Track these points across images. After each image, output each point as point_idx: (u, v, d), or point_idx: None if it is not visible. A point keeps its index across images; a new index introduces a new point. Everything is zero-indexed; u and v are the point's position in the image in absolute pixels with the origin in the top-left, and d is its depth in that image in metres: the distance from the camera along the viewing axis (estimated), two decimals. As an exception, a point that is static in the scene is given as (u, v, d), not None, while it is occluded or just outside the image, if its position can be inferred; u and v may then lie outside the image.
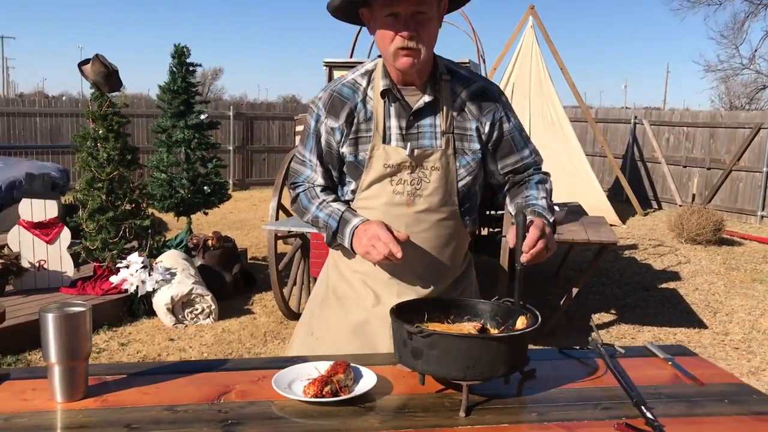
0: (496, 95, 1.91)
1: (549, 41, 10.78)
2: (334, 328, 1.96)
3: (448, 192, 1.85)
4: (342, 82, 1.88)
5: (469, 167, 1.86)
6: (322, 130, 1.87)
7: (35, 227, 5.41)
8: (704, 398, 1.55)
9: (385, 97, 1.82)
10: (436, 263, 1.90)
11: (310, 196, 1.95)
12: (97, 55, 5.50)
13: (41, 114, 13.10)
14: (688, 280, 7.05)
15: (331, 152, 1.89)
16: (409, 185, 1.81)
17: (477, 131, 1.86)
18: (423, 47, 1.72)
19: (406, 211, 1.83)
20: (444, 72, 1.85)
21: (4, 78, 54.48)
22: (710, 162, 11.95)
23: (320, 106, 1.88)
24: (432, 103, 1.82)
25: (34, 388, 1.54)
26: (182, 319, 5.26)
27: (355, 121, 1.84)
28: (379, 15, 1.72)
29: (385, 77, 1.82)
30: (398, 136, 1.82)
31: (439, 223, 1.86)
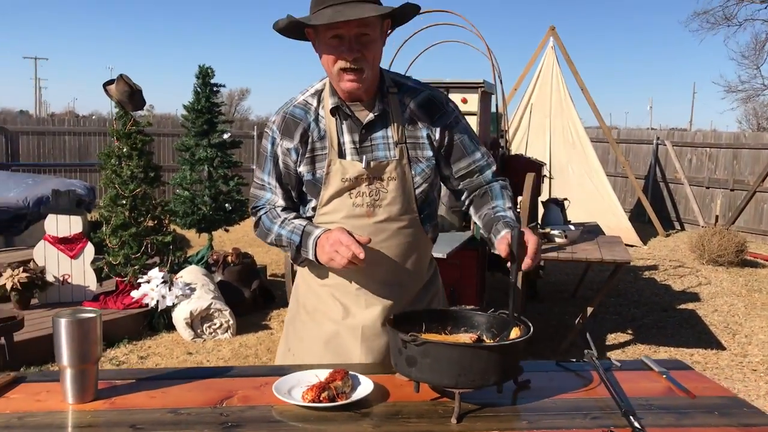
0: (443, 102, 1.97)
1: (570, 62, 10.81)
2: (307, 343, 2.00)
3: (406, 200, 1.90)
4: (293, 104, 1.93)
5: (424, 174, 1.91)
6: (278, 152, 1.92)
7: (60, 242, 5.55)
8: (694, 410, 1.58)
9: (335, 115, 1.88)
10: (400, 271, 1.95)
11: (271, 217, 1.98)
12: (121, 75, 5.66)
13: (70, 133, 13.41)
14: (707, 301, 6.99)
15: (289, 173, 1.94)
16: (368, 196, 1.87)
17: (428, 139, 1.92)
18: (367, 67, 1.79)
19: (366, 221, 1.88)
20: (391, 85, 1.92)
21: (36, 98, 55.64)
22: (734, 183, 11.84)
23: (275, 129, 1.93)
24: (382, 116, 1.88)
25: (48, 390, 1.62)
26: (201, 333, 5.34)
27: (310, 140, 1.89)
28: (323, 37, 1.78)
29: (334, 95, 1.88)
30: (353, 150, 1.88)
31: (400, 231, 1.91)
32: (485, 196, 1.99)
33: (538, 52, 11.05)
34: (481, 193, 2.01)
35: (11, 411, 1.51)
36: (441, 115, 1.94)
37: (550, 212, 5.76)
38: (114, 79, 5.67)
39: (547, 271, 8.07)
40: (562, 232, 5.18)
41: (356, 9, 1.71)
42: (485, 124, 4.96)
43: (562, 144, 10.56)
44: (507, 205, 1.94)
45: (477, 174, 2.00)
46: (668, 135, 13.70)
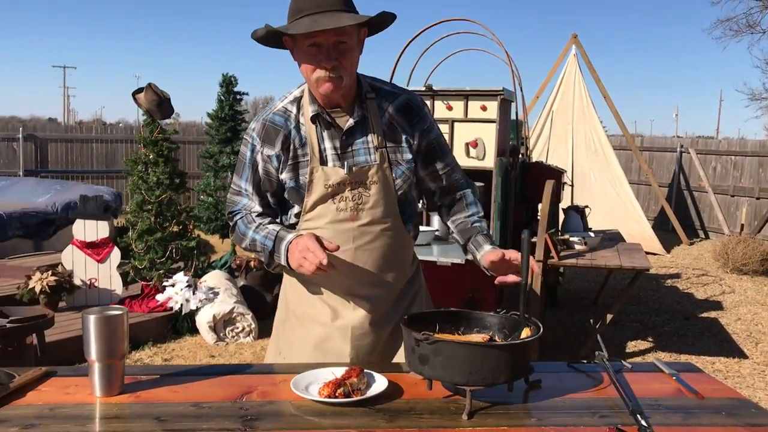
0: (420, 107, 2.03)
1: (592, 70, 10.80)
2: (298, 346, 2.05)
3: (388, 203, 1.95)
4: (273, 111, 1.96)
5: (404, 176, 1.97)
6: (258, 159, 1.96)
7: (87, 247, 5.68)
8: (702, 410, 1.61)
9: (315, 122, 1.93)
10: (385, 270, 2.00)
11: (246, 222, 2.01)
12: (150, 84, 5.78)
13: (97, 140, 13.66)
14: (730, 309, 6.94)
15: (270, 180, 1.97)
16: (351, 201, 1.92)
17: (407, 142, 1.98)
18: (345, 75, 1.84)
19: (351, 225, 1.93)
20: (369, 90, 1.97)
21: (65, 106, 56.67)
22: (759, 191, 11.72)
23: (254, 137, 1.96)
24: (361, 122, 1.93)
25: (77, 385, 1.70)
26: (223, 336, 5.43)
27: (291, 147, 1.92)
28: (301, 45, 1.83)
29: (313, 103, 1.92)
30: (334, 156, 1.92)
31: (384, 232, 1.96)
32: (460, 203, 2.09)
33: (560, 60, 11.07)
34: (455, 199, 2.10)
35: (43, 402, 1.58)
36: (419, 120, 2.01)
37: (570, 219, 5.78)
38: (143, 87, 5.80)
39: (568, 278, 8.06)
40: (582, 238, 5.20)
41: (333, 18, 1.76)
42: (504, 132, 4.99)
43: (584, 151, 10.54)
44: (480, 214, 2.09)
45: (450, 175, 2.09)
46: (692, 143, 13.61)
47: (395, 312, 2.05)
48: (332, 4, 1.79)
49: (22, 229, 7.64)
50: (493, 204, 4.73)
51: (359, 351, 2.01)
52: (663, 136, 16.60)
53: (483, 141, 4.75)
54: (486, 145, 4.75)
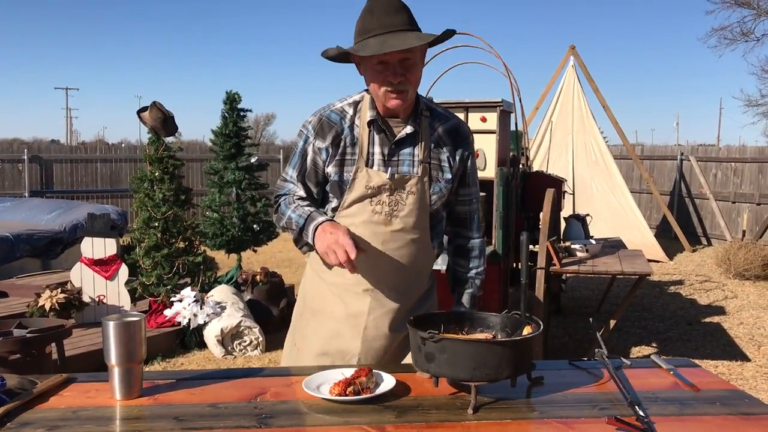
0: (467, 133, 2.15)
1: (591, 80, 10.91)
2: (311, 339, 2.15)
3: (421, 214, 2.05)
4: (331, 109, 2.07)
5: (440, 194, 2.08)
6: (309, 150, 2.06)
7: (96, 264, 5.76)
8: (698, 401, 1.68)
9: (370, 126, 2.03)
10: (406, 278, 2.09)
11: (287, 202, 2.09)
12: (155, 103, 5.89)
13: (102, 160, 13.79)
14: (733, 314, 6.99)
15: (317, 171, 2.08)
16: (387, 206, 2.01)
17: (449, 162, 2.08)
18: (410, 89, 1.96)
19: (383, 229, 2.02)
20: (424, 108, 2.08)
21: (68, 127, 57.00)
22: (760, 197, 11.78)
23: (309, 129, 2.06)
24: (412, 135, 2.04)
25: (97, 389, 1.77)
26: (231, 350, 5.49)
27: (342, 144, 2.03)
28: (368, 63, 1.95)
29: (372, 108, 2.03)
30: (380, 161, 2.03)
31: (412, 242, 2.06)
32: (466, 251, 2.23)
33: (558, 71, 11.17)
34: (462, 245, 2.24)
35: (65, 406, 1.65)
36: (463, 145, 2.12)
37: (572, 227, 5.85)
38: (147, 106, 5.91)
39: (571, 286, 8.12)
40: (583, 246, 5.26)
41: (400, 39, 1.87)
42: (504, 142, 5.08)
43: (584, 161, 10.63)
44: (480, 269, 2.24)
45: (468, 204, 2.21)
46: (692, 150, 13.69)
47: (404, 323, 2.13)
48: (398, 24, 1.90)
49: (30, 249, 7.72)
50: (495, 213, 4.80)
51: (368, 353, 2.08)
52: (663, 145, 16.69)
53: (484, 151, 4.83)
54: (487, 155, 4.83)
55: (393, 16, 1.90)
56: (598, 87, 10.95)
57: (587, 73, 10.90)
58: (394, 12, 1.91)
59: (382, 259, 2.01)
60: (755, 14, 17.82)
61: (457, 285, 2.24)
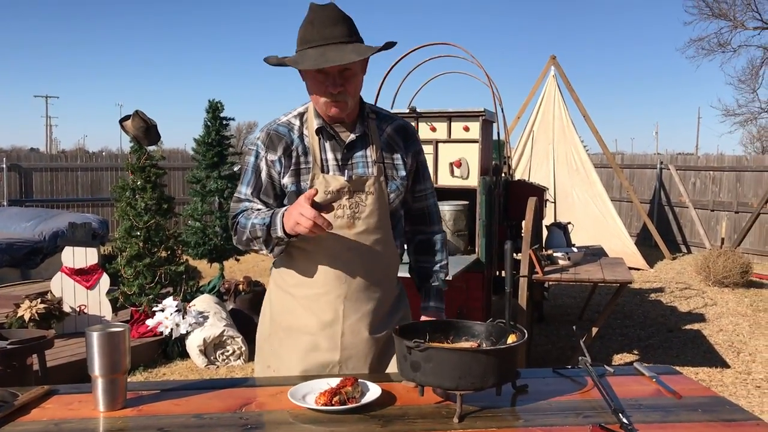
0: (414, 132, 2.21)
1: (571, 90, 11.01)
2: (286, 358, 2.11)
3: (382, 214, 2.07)
4: (277, 123, 2.09)
5: (398, 191, 2.11)
6: (262, 164, 2.06)
7: (76, 273, 5.70)
8: (680, 408, 1.70)
9: (319, 134, 2.05)
10: (375, 279, 2.09)
11: (246, 215, 2.05)
12: (137, 111, 5.86)
13: (82, 168, 13.67)
14: (713, 321, 7.06)
15: (273, 183, 2.07)
16: (348, 209, 2.02)
17: (402, 160, 2.12)
18: (349, 99, 1.98)
19: (347, 233, 2.03)
20: (370, 112, 2.12)
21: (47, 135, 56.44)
22: (738, 205, 11.94)
23: (259, 144, 2.07)
24: (362, 137, 2.07)
25: (80, 401, 1.76)
26: (214, 360, 5.46)
27: (294, 154, 2.03)
28: (308, 72, 1.97)
29: (318, 117, 2.05)
30: (335, 166, 2.05)
31: (377, 242, 2.07)
32: (428, 245, 2.25)
33: (539, 81, 11.27)
34: (424, 240, 2.26)
35: (48, 418, 1.64)
36: (412, 142, 2.17)
37: (554, 235, 5.89)
38: (129, 115, 5.88)
39: (553, 294, 8.17)
40: (565, 254, 5.30)
41: (338, 52, 1.88)
42: (487, 151, 5.11)
43: (565, 170, 10.71)
44: (443, 263, 2.26)
45: (424, 200, 2.24)
46: (672, 159, 13.85)
47: (384, 325, 2.13)
48: (338, 36, 1.91)
49: (9, 258, 7.63)
50: (478, 221, 4.83)
51: (348, 361, 2.08)
52: (643, 154, 16.86)
53: (466, 160, 4.86)
54: (469, 164, 4.86)
55: (332, 27, 1.91)
56: (579, 97, 11.06)
57: (568, 83, 11.01)
58: (333, 24, 1.92)
59: (350, 262, 2.03)
60: (731, 26, 18.13)
61: (423, 281, 2.25)
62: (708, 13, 18.30)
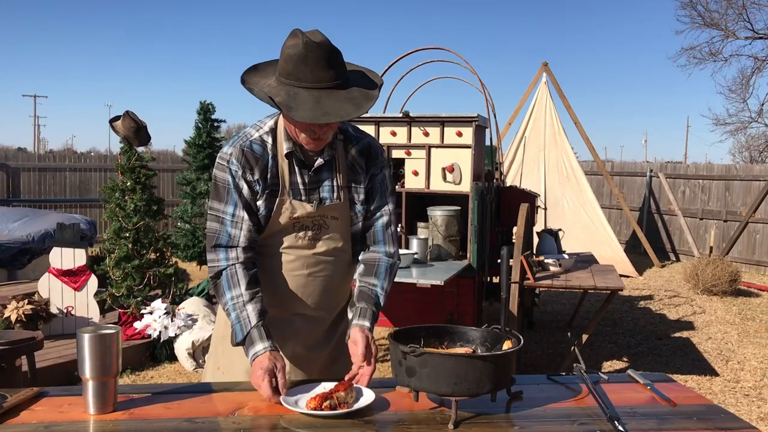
0: (379, 152, 2.13)
1: (563, 96, 11.04)
2: (238, 363, 2.07)
3: (344, 237, 2.09)
4: (250, 139, 1.98)
5: (360, 214, 2.09)
6: (242, 184, 1.96)
7: (64, 275, 5.65)
8: (675, 416, 1.70)
9: (289, 158, 2.00)
10: (332, 296, 2.12)
11: (231, 283, 1.94)
12: (128, 112, 5.82)
13: (71, 169, 13.57)
14: (701, 329, 7.09)
15: (255, 201, 1.99)
16: (310, 230, 2.02)
17: (362, 182, 2.08)
18: (329, 136, 1.94)
19: (307, 252, 2.04)
20: (338, 133, 2.04)
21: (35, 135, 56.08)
22: (727, 214, 12.01)
23: (234, 162, 1.96)
24: (329, 161, 2.02)
25: (70, 403, 1.73)
26: (203, 363, 5.41)
27: (268, 176, 1.98)
28: None
29: (288, 140, 1.98)
30: (302, 191, 2.01)
31: (336, 261, 2.09)
32: (371, 267, 2.08)
33: (531, 87, 11.30)
34: (369, 261, 2.10)
35: (37, 421, 1.61)
36: (373, 164, 2.10)
37: (545, 242, 5.89)
38: (119, 115, 5.83)
39: (543, 300, 8.18)
40: (557, 260, 5.30)
41: (334, 102, 1.80)
42: (479, 157, 5.11)
43: (556, 177, 10.74)
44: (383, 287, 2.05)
45: (372, 218, 2.12)
46: (661, 167, 13.92)
47: (330, 336, 2.17)
48: (331, 78, 1.82)
49: (-4, 259, 7.56)
50: (470, 227, 4.82)
51: (297, 370, 2.09)
52: (633, 162, 16.95)
53: (459, 166, 4.85)
54: (462, 169, 4.86)
55: (327, 71, 1.81)
56: (570, 104, 11.10)
57: (559, 90, 11.04)
58: (327, 66, 1.81)
59: (307, 281, 2.05)
60: (723, 35, 18.27)
61: (359, 300, 2.03)
62: (700, 22, 18.44)
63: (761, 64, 18.61)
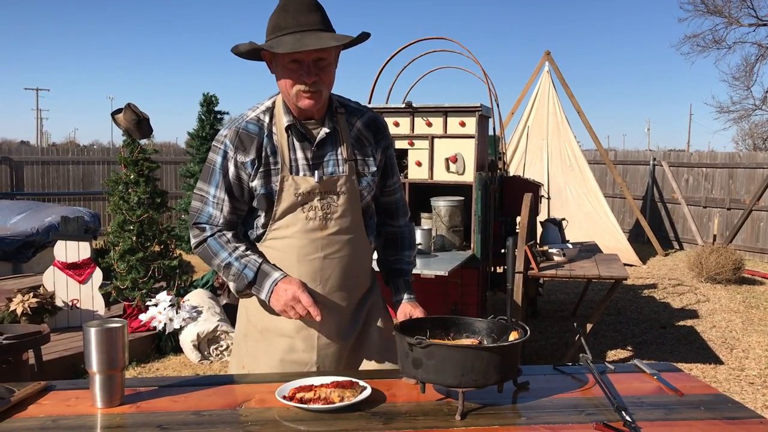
0: (384, 126, 2.15)
1: (565, 85, 11.01)
2: (263, 360, 2.08)
3: (354, 213, 2.04)
4: (246, 120, 2.00)
5: (368, 188, 2.08)
6: (230, 165, 1.97)
7: (69, 268, 5.66)
8: (682, 406, 1.69)
9: (288, 132, 1.99)
10: (349, 279, 2.07)
11: (221, 242, 2.00)
12: (129, 104, 5.81)
13: (74, 162, 13.58)
14: (706, 318, 7.09)
15: (242, 185, 1.99)
16: (320, 210, 1.99)
17: (372, 155, 2.08)
18: (324, 89, 1.93)
19: (320, 234, 2.00)
20: (338, 106, 2.06)
21: (38, 128, 56.07)
22: (730, 202, 11.98)
23: (227, 143, 1.98)
24: (332, 134, 2.02)
25: (77, 397, 1.73)
26: (208, 355, 5.43)
27: (264, 154, 1.97)
28: (281, 61, 1.90)
29: (287, 113, 1.98)
30: (305, 166, 1.99)
31: (349, 242, 2.04)
32: (395, 240, 2.23)
33: (534, 76, 11.26)
34: (391, 235, 2.25)
35: (45, 415, 1.62)
36: (382, 137, 2.12)
37: (548, 231, 5.88)
38: (121, 108, 5.83)
39: (547, 289, 8.17)
40: (560, 250, 5.30)
41: (315, 38, 1.84)
42: (483, 146, 5.10)
43: (559, 166, 10.71)
44: (411, 257, 2.25)
45: (392, 194, 2.22)
46: (664, 156, 13.88)
47: (355, 322, 2.12)
48: (313, 23, 1.88)
49: (1, 252, 7.57)
50: (474, 217, 4.82)
51: (325, 360, 2.06)
52: (636, 150, 16.92)
53: (462, 156, 4.84)
54: (465, 159, 4.85)
55: (308, 14, 1.87)
56: (573, 93, 11.06)
57: (562, 79, 11.00)
58: (308, 11, 1.88)
59: (323, 264, 2.00)
60: (726, 22, 18.18)
61: (391, 275, 2.22)
62: (703, 9, 18.34)
63: (765, 51, 18.53)
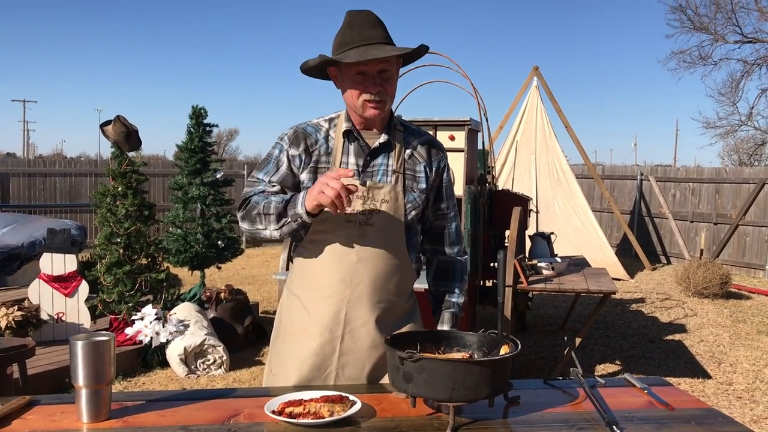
0: (441, 146, 2.21)
1: (553, 100, 11.08)
2: (287, 362, 2.09)
3: (396, 224, 2.05)
4: (306, 123, 2.13)
5: (415, 203, 2.09)
6: (283, 158, 2.07)
7: (55, 280, 5.61)
8: (673, 421, 1.69)
9: (345, 137, 2.06)
10: (382, 291, 2.04)
11: (265, 195, 2.03)
12: (118, 116, 5.79)
13: (61, 174, 13.50)
14: (693, 332, 7.11)
15: (293, 175, 2.07)
16: (361, 215, 2.00)
17: (425, 172, 2.11)
18: (387, 99, 2.01)
19: (357, 238, 2.01)
20: (398, 123, 2.13)
21: (25, 140, 55.77)
22: (717, 217, 12.06)
23: (285, 140, 2.09)
24: (386, 145, 2.07)
25: (62, 412, 1.71)
26: (195, 369, 5.39)
27: (316, 152, 2.07)
28: (347, 73, 1.98)
29: (348, 121, 2.07)
30: (355, 172, 2.03)
31: (387, 252, 2.04)
32: (446, 270, 2.25)
33: (522, 91, 11.33)
34: (443, 264, 2.26)
35: (29, 430, 1.59)
36: (439, 157, 2.17)
37: (537, 245, 5.90)
38: (110, 120, 5.81)
39: (536, 303, 8.18)
40: (549, 264, 5.31)
41: (379, 50, 1.93)
42: (472, 160, 5.11)
43: (547, 180, 10.76)
44: (460, 289, 2.25)
45: (445, 218, 2.22)
46: (652, 170, 13.98)
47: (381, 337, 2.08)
48: (377, 37, 1.97)
49: (-15, 264, 7.49)
50: (463, 231, 4.82)
51: (345, 367, 2.04)
52: (623, 165, 17.03)
53: (452, 169, 4.84)
54: (455, 173, 4.85)
55: (372, 30, 1.98)
56: (561, 107, 11.13)
57: (550, 94, 11.08)
58: (371, 26, 1.98)
59: (356, 267, 2.00)
60: (713, 39, 18.38)
61: (438, 305, 2.24)
62: (689, 26, 18.55)
63: (750, 68, 18.74)
